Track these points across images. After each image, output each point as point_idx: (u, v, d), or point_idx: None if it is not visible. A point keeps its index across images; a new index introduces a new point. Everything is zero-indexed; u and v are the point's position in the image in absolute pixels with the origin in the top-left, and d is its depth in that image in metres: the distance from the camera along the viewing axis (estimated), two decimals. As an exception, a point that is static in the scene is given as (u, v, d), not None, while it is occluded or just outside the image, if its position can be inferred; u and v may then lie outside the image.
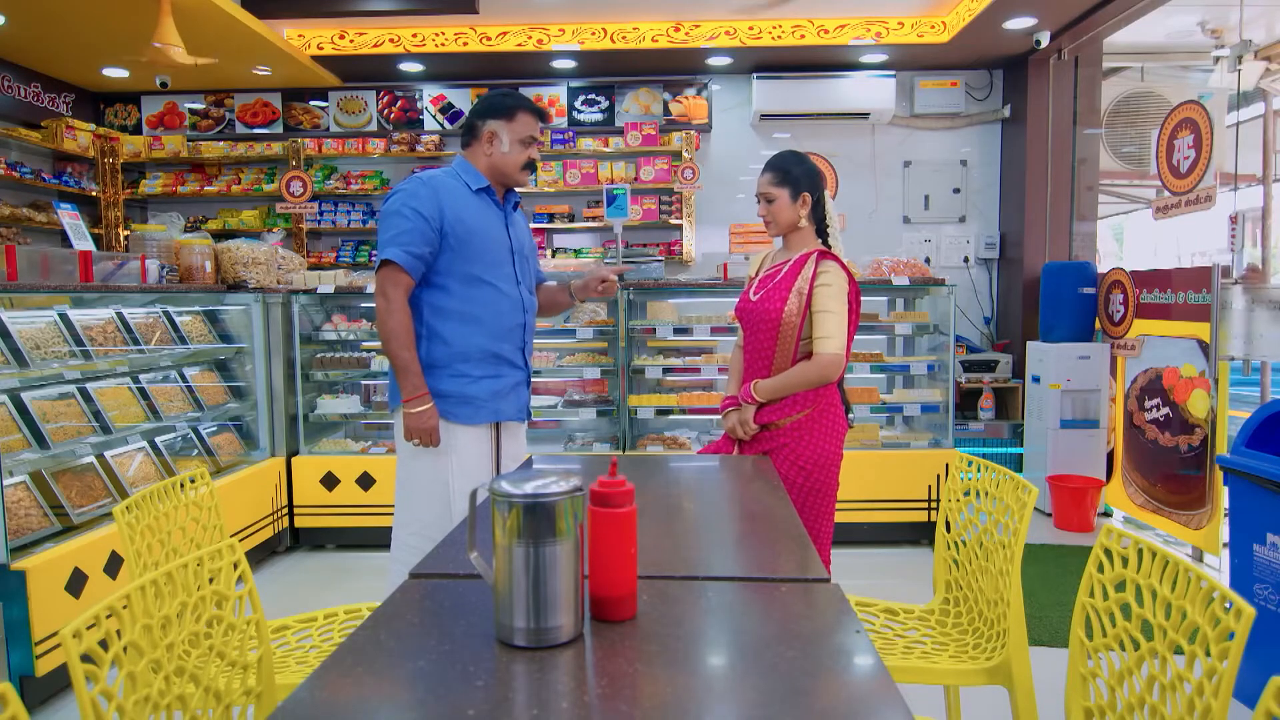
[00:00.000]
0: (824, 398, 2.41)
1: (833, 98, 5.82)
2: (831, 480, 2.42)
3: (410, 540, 2.38)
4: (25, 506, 2.93)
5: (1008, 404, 5.58)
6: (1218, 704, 1.13)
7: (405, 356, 2.28)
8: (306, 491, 4.29)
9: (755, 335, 2.47)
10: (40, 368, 3.07)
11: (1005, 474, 1.93)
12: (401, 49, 5.51)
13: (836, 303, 2.35)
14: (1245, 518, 2.64)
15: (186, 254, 4.08)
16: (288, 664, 1.87)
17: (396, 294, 2.27)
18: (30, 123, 5.59)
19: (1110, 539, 1.44)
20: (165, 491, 1.88)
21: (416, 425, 2.29)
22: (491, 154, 2.38)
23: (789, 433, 2.40)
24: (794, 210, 2.44)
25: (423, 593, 1.34)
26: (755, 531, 1.72)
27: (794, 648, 1.12)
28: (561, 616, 1.13)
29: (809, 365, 2.35)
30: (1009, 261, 5.96)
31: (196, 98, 6.28)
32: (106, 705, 1.11)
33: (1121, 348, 4.59)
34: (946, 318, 4.26)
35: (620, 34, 5.49)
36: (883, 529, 4.25)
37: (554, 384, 4.76)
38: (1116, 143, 5.72)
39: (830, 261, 2.39)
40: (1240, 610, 1.14)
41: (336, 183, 6.20)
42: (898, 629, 2.06)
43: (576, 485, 1.15)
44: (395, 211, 2.29)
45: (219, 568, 1.41)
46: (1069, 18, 4.90)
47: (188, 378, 4.02)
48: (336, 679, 1.05)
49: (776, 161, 2.49)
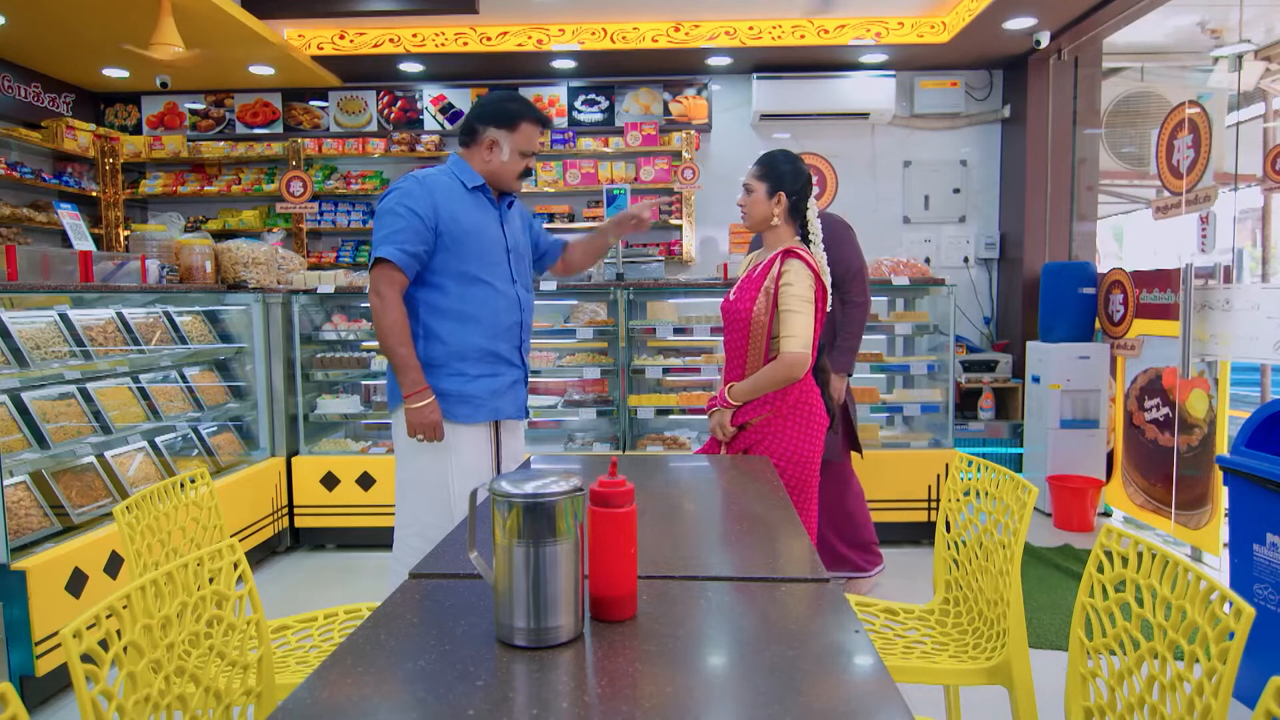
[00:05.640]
0: (790, 396, 2.43)
1: (832, 98, 5.82)
2: (810, 477, 2.45)
3: (412, 541, 2.37)
4: (25, 506, 2.93)
5: (1008, 404, 5.58)
6: (1218, 704, 1.14)
7: (403, 352, 2.27)
8: (306, 491, 4.29)
9: (731, 335, 2.51)
10: (40, 368, 3.07)
11: (1005, 474, 1.93)
12: (401, 49, 5.51)
13: (800, 301, 2.36)
14: (1245, 518, 2.64)
15: (186, 254, 4.08)
16: (288, 664, 1.87)
17: (391, 291, 2.26)
18: (30, 123, 5.59)
19: (1110, 539, 1.44)
20: (165, 491, 1.88)
21: (419, 420, 2.28)
22: (490, 161, 2.38)
23: (760, 431, 2.45)
24: (767, 206, 2.45)
25: (423, 593, 1.34)
26: (755, 531, 1.72)
27: (794, 648, 1.12)
28: (561, 616, 1.14)
29: (776, 365, 2.39)
30: (1009, 261, 5.96)
31: (196, 98, 6.28)
32: (106, 705, 1.11)
33: (1121, 348, 4.59)
34: (946, 318, 4.26)
35: (620, 34, 5.49)
36: (882, 529, 4.23)
37: (554, 384, 4.76)
38: (1116, 143, 5.72)
39: (794, 260, 2.39)
40: (1240, 610, 1.14)
41: (336, 183, 6.20)
42: (897, 629, 2.06)
43: (576, 485, 1.15)
44: (390, 210, 2.29)
45: (219, 568, 1.41)
46: (1069, 18, 4.90)
47: (188, 378, 4.02)
48: (336, 679, 1.05)
49: (765, 156, 2.52)
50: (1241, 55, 4.15)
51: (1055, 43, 5.31)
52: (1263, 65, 4.77)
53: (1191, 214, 4.02)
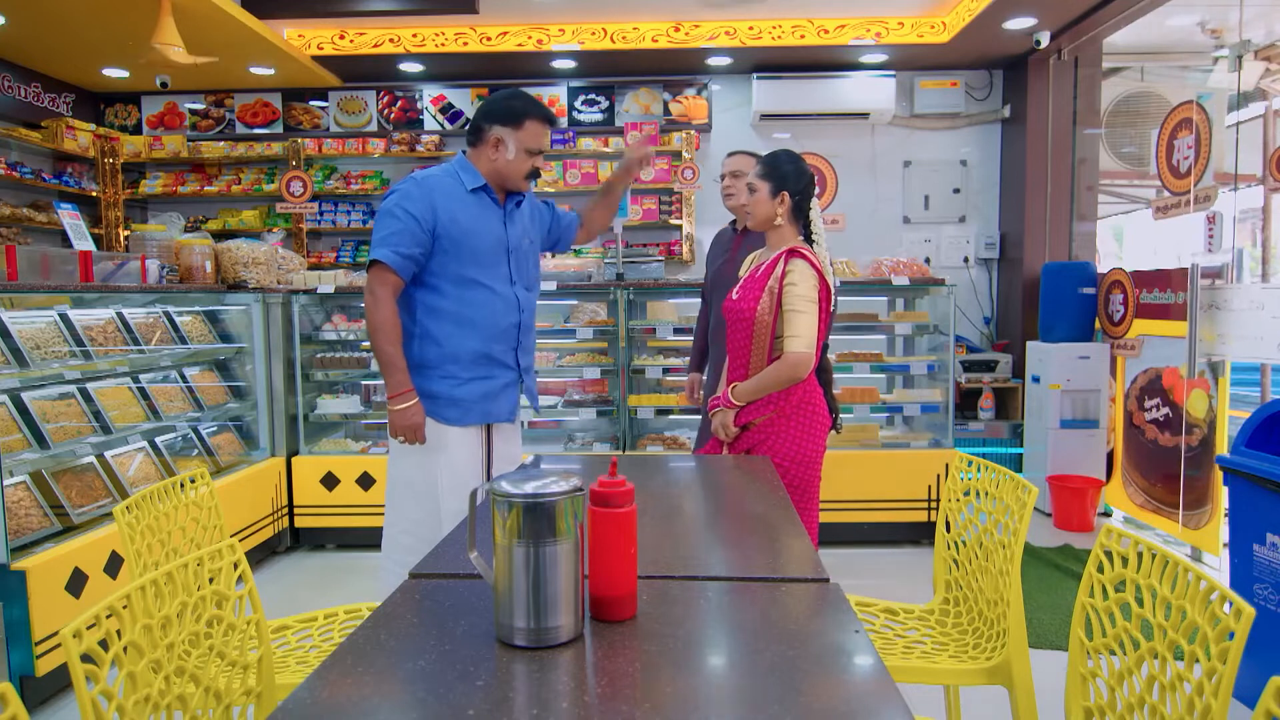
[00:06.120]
0: (793, 396, 2.43)
1: (832, 98, 5.82)
2: (812, 477, 2.45)
3: (400, 539, 2.39)
4: (25, 506, 2.93)
5: (1008, 404, 5.58)
6: (1218, 704, 1.14)
7: (390, 352, 2.28)
8: (306, 491, 4.29)
9: (734, 334, 2.50)
10: (40, 368, 3.07)
11: (1005, 474, 1.93)
12: (401, 49, 5.51)
13: (804, 301, 2.36)
14: (1245, 518, 2.64)
15: (186, 254, 4.08)
16: (288, 664, 1.87)
17: (384, 292, 2.27)
18: (30, 123, 5.58)
19: (1110, 539, 1.44)
20: (165, 491, 1.88)
21: (400, 422, 2.29)
22: (496, 160, 2.36)
23: (763, 430, 2.45)
24: (771, 206, 2.45)
25: (423, 593, 1.34)
26: (755, 531, 1.72)
27: (794, 648, 1.12)
28: (561, 616, 1.14)
29: (780, 365, 2.39)
30: (1009, 261, 5.96)
31: (196, 98, 6.28)
32: (107, 705, 1.11)
33: (1121, 348, 4.59)
34: (946, 318, 4.26)
35: (620, 34, 5.49)
36: (883, 529, 4.25)
37: (554, 384, 4.76)
38: (1116, 143, 5.72)
39: (798, 260, 2.39)
40: (1240, 610, 1.14)
41: (336, 183, 6.20)
42: (898, 629, 2.06)
43: (576, 485, 1.15)
44: (388, 212, 2.29)
45: (219, 568, 1.41)
46: (1069, 18, 4.90)
47: (188, 378, 4.02)
48: (336, 679, 1.05)
49: (769, 155, 2.52)
50: (1241, 55, 4.14)
51: (1055, 43, 5.31)
52: (1263, 65, 4.76)
53: (1192, 214, 4.02)
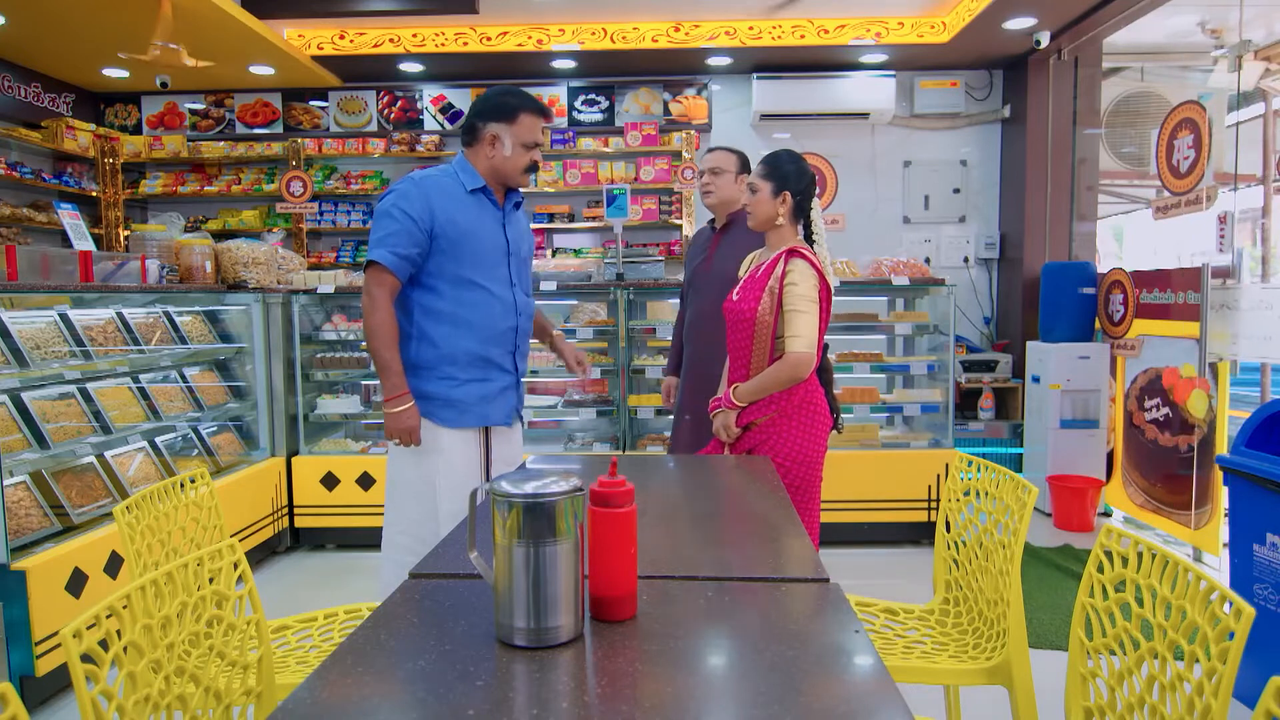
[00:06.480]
0: (795, 396, 2.43)
1: (832, 98, 5.82)
2: (813, 477, 2.45)
3: (399, 539, 2.39)
4: (25, 506, 2.93)
5: (1008, 404, 5.58)
6: (1218, 704, 1.14)
7: (386, 355, 2.28)
8: (306, 491, 4.29)
9: (735, 335, 2.50)
10: (40, 368, 3.07)
11: (1005, 474, 1.93)
12: (401, 49, 5.51)
13: (805, 301, 2.36)
14: (1245, 518, 2.64)
15: (186, 254, 4.08)
16: (288, 664, 1.87)
17: (381, 293, 2.27)
18: (30, 123, 5.59)
19: (1110, 539, 1.44)
20: (165, 491, 1.88)
21: (396, 425, 2.29)
22: (493, 157, 2.36)
23: (764, 430, 2.45)
24: (773, 206, 2.45)
25: (423, 593, 1.34)
26: (755, 531, 1.72)
27: (794, 648, 1.12)
28: (561, 616, 1.14)
29: (781, 365, 2.39)
30: (1009, 261, 5.96)
31: (196, 98, 6.28)
32: (107, 705, 1.11)
33: (1121, 348, 4.59)
34: (946, 318, 4.26)
35: (620, 34, 5.49)
36: (883, 529, 4.25)
37: (554, 384, 4.76)
38: (1116, 143, 5.72)
39: (798, 260, 2.39)
40: (1240, 610, 1.14)
41: (336, 183, 6.20)
42: (898, 629, 2.06)
43: (576, 485, 1.15)
44: (385, 213, 2.29)
45: (219, 568, 1.41)
46: (1069, 18, 4.90)
47: (188, 378, 4.02)
48: (336, 679, 1.05)
49: (769, 155, 2.52)
50: (1241, 55, 4.14)
51: (1055, 43, 5.31)
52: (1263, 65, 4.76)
53: (1192, 214, 4.02)
